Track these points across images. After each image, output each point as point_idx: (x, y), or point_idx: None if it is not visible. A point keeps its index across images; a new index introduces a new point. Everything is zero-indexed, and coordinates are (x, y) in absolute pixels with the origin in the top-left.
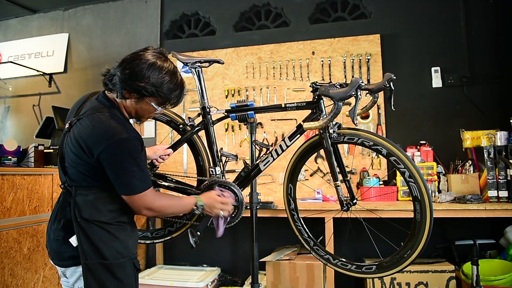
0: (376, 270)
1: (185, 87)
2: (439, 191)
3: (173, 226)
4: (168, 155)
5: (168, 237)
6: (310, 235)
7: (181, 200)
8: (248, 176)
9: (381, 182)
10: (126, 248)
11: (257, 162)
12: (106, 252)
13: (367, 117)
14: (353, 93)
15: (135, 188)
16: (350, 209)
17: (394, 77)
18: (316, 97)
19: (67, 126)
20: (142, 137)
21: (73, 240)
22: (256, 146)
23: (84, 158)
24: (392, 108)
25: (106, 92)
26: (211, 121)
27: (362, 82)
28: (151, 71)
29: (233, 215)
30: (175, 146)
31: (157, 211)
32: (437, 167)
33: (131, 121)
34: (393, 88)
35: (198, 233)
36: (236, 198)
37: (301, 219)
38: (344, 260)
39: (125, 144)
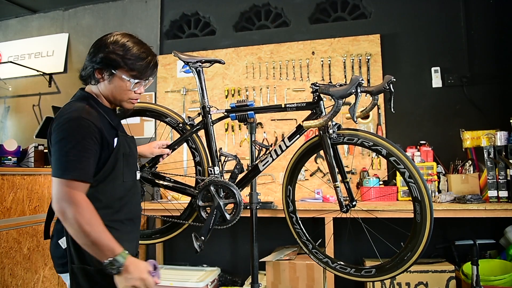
0: (375, 274)
1: (155, 57)
2: (439, 191)
3: (149, 237)
4: (168, 154)
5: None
6: (309, 238)
7: (103, 238)
8: (246, 176)
9: (381, 182)
10: None
11: (257, 162)
12: (89, 257)
13: (367, 117)
14: (353, 90)
15: (61, 170)
16: (350, 210)
17: (394, 79)
18: (316, 97)
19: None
20: (142, 137)
21: (63, 242)
22: (256, 146)
23: None
24: (392, 110)
25: (85, 88)
26: (211, 120)
27: (362, 79)
28: (114, 40)
29: (232, 213)
30: (174, 146)
31: (70, 217)
32: (437, 167)
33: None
34: (393, 90)
35: (202, 237)
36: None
37: (300, 221)
38: (343, 263)
39: (72, 123)
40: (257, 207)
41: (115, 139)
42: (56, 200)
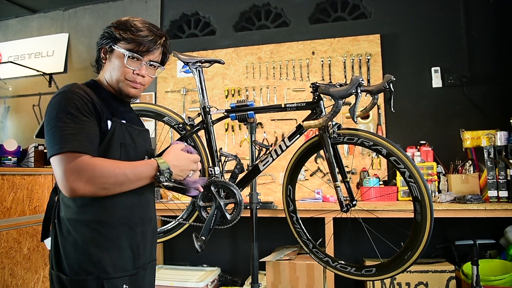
0: (376, 273)
1: (160, 36)
2: (439, 191)
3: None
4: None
5: None
6: (309, 237)
7: (134, 166)
8: (247, 176)
9: (381, 182)
10: (96, 263)
11: (257, 162)
12: (66, 263)
13: (367, 117)
14: (353, 91)
15: (57, 146)
16: (350, 210)
17: (394, 79)
18: (316, 97)
19: None
20: None
21: (48, 242)
22: (256, 146)
23: None
24: (392, 109)
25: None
26: (211, 121)
27: (362, 80)
28: (119, 19)
29: (233, 212)
30: None
31: (97, 181)
32: (437, 167)
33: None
34: (392, 89)
35: (203, 237)
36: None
37: (300, 221)
38: (343, 262)
39: (63, 97)
40: (257, 207)
41: (109, 123)
42: (65, 180)
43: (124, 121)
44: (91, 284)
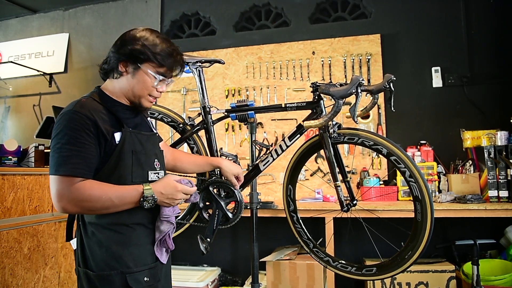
0: (376, 272)
1: (182, 57)
2: (440, 191)
3: None
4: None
5: None
6: (310, 237)
7: (121, 191)
8: (247, 175)
9: (381, 182)
10: (118, 259)
11: (257, 162)
12: (92, 260)
13: (367, 117)
14: (354, 90)
15: (54, 167)
16: (350, 209)
17: (394, 78)
18: (316, 97)
19: None
20: None
21: (73, 243)
22: (256, 146)
23: None
24: (392, 109)
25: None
26: (211, 120)
27: (363, 80)
28: (143, 34)
29: (234, 211)
30: (174, 146)
31: (85, 205)
32: (438, 167)
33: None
34: (393, 89)
35: (208, 239)
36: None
37: (300, 221)
38: (344, 262)
39: (65, 117)
40: (258, 207)
41: (118, 134)
42: (56, 200)
43: (132, 129)
44: (115, 279)
